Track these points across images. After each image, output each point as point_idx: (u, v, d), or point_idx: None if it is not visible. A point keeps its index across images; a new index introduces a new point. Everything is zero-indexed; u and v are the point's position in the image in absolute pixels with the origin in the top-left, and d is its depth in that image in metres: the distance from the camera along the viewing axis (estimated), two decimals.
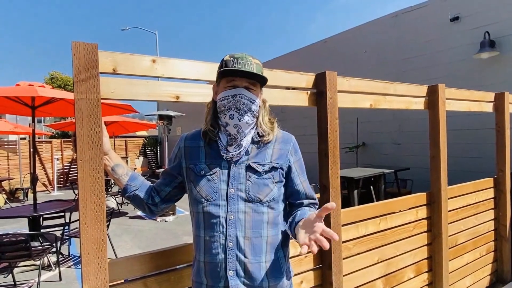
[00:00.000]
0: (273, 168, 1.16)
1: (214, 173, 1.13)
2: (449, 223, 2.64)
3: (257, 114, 1.17)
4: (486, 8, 4.58)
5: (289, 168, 1.20)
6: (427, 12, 5.46)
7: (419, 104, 2.55)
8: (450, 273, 2.66)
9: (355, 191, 4.81)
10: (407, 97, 2.46)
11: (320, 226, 0.97)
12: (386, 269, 2.27)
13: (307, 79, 1.88)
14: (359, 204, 3.13)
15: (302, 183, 1.23)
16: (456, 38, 4.93)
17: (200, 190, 1.13)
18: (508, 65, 4.33)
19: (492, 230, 3.20)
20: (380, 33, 6.39)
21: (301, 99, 1.88)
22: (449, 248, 2.65)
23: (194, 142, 1.21)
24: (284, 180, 1.20)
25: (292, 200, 1.24)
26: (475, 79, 4.54)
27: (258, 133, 1.18)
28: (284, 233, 1.20)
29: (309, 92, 1.90)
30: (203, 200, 1.12)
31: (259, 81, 1.14)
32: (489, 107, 3.19)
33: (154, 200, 1.26)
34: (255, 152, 1.16)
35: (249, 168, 1.13)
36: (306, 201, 1.23)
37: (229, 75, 1.12)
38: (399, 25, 5.99)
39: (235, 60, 1.11)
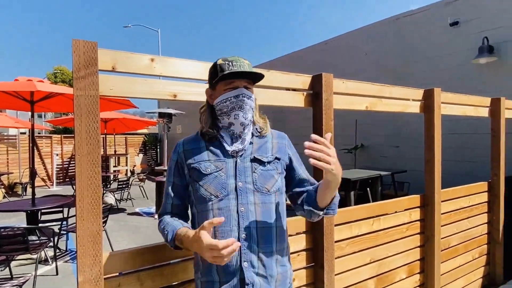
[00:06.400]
0: (276, 159, 1.23)
1: (220, 169, 1.16)
2: (442, 226, 2.67)
3: (254, 110, 1.24)
4: (485, 14, 4.61)
5: (290, 160, 1.29)
6: (427, 16, 5.49)
7: (415, 107, 2.58)
8: (442, 275, 2.69)
9: (352, 193, 4.84)
10: (403, 100, 2.49)
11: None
12: (378, 269, 2.30)
13: (303, 81, 1.91)
14: (356, 203, 3.17)
15: (304, 171, 1.32)
16: (456, 43, 4.96)
17: (208, 188, 1.15)
18: (505, 70, 4.35)
19: (485, 234, 3.23)
20: (380, 36, 6.42)
21: (298, 100, 1.91)
22: (442, 250, 2.68)
23: (194, 144, 1.23)
24: (285, 172, 1.27)
25: (299, 188, 1.28)
26: (474, 84, 4.57)
27: (256, 128, 1.25)
28: (286, 225, 1.26)
29: (305, 93, 1.93)
30: (213, 197, 1.14)
31: (255, 79, 1.20)
32: (485, 112, 3.22)
33: (186, 215, 1.26)
34: (257, 146, 1.22)
35: (254, 160, 1.19)
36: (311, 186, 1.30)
37: (229, 78, 1.15)
38: (399, 29, 6.02)
39: (230, 63, 1.15)
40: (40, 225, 4.16)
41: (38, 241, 3.72)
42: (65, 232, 4.43)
